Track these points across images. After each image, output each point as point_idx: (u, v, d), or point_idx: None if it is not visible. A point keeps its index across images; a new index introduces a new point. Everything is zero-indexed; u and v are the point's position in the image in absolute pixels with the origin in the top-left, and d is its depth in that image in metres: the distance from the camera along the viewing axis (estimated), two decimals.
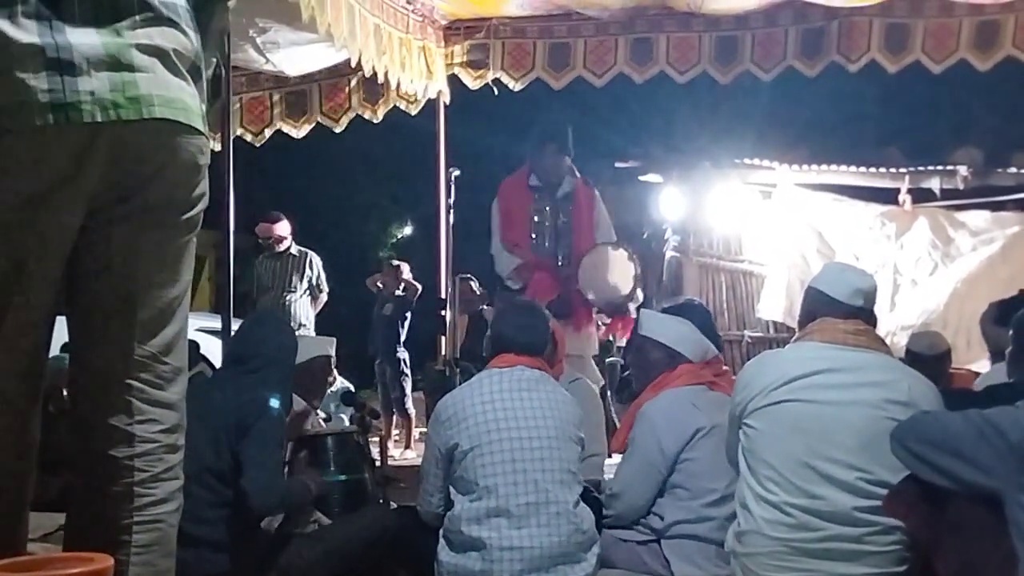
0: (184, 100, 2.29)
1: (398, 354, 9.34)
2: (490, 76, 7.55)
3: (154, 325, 2.34)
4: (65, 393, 3.22)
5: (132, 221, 2.28)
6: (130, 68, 2.18)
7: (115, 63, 2.16)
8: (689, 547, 3.69)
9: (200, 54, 2.39)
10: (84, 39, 2.14)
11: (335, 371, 8.01)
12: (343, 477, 4.35)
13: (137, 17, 2.23)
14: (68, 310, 2.36)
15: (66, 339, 2.40)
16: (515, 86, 7.57)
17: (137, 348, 2.31)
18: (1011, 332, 3.33)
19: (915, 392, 3.11)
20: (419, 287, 9.28)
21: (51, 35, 2.10)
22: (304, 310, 8.70)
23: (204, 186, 2.41)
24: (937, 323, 9.51)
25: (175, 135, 2.28)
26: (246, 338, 4.04)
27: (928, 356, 5.40)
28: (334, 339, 5.19)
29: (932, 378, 3.40)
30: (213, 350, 7.69)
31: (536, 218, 5.97)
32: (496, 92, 7.68)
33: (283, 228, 8.79)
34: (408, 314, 9.58)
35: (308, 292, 8.77)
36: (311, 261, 8.81)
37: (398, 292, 9.61)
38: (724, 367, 4.72)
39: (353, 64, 6.21)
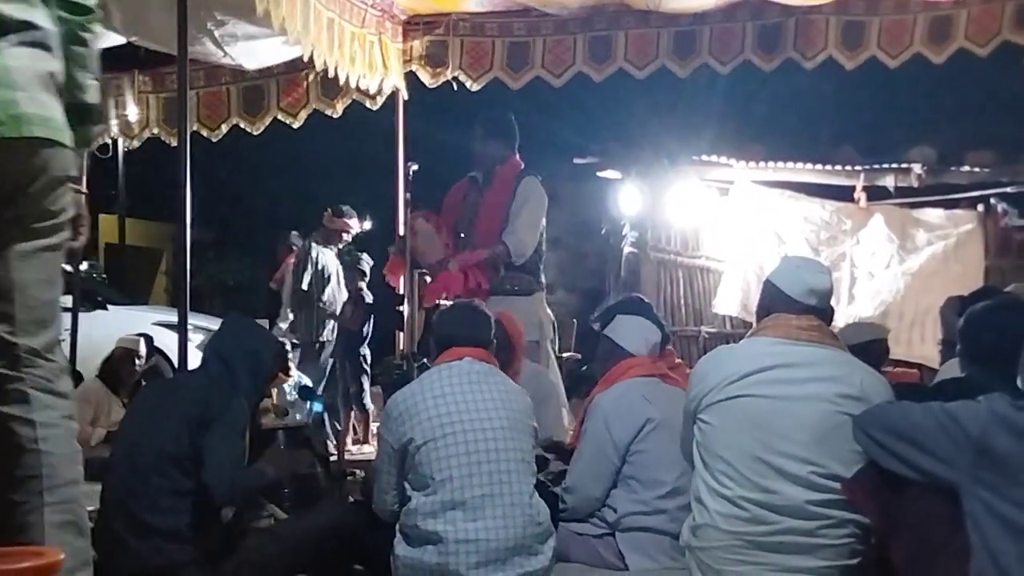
0: (57, 119, 2.43)
1: (359, 349, 9.29)
2: (448, 75, 7.47)
3: (34, 326, 2.43)
4: None
5: (1, 229, 2.37)
6: (11, 87, 2.30)
7: None
8: (643, 539, 3.73)
9: (64, 79, 2.51)
10: None
11: (292, 367, 8.00)
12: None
13: (13, 37, 2.34)
14: None
15: None
16: (473, 86, 7.47)
17: (22, 345, 2.40)
18: (958, 330, 3.36)
19: (867, 386, 3.15)
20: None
21: None
22: None
23: (69, 197, 2.54)
24: (893, 316, 9.64)
25: (49, 152, 2.40)
26: (228, 340, 3.97)
27: (855, 344, 5.39)
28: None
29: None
30: (169, 344, 7.63)
31: (465, 205, 5.97)
32: (455, 87, 7.64)
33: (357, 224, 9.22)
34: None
35: None
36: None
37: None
38: (679, 360, 4.76)
39: (306, 59, 6.15)
